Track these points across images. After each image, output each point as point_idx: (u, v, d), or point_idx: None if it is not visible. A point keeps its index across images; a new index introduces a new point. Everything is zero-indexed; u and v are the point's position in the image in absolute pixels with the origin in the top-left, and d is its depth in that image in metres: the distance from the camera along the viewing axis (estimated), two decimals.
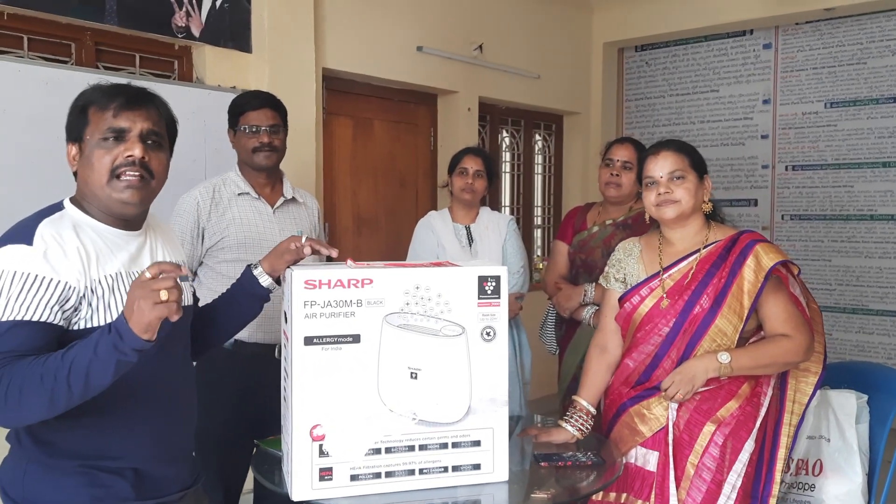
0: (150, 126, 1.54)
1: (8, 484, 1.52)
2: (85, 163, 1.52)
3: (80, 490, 1.49)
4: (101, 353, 1.32)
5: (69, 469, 1.49)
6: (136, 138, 1.51)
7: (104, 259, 1.50)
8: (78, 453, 1.49)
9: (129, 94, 1.54)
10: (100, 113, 1.51)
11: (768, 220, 5.73)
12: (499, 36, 5.13)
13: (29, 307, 1.39)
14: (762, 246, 2.09)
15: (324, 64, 4.03)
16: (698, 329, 2.07)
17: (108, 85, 1.55)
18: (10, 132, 2.86)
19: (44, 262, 1.41)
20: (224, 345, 2.57)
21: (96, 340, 1.33)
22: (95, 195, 1.53)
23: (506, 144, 5.66)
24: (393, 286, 1.71)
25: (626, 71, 6.31)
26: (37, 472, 1.49)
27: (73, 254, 1.45)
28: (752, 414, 2.09)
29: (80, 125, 1.53)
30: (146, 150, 1.52)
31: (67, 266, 1.44)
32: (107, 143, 1.50)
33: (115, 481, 1.52)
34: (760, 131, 5.76)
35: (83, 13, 3.10)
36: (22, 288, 1.39)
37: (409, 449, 1.74)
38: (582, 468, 1.95)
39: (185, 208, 2.58)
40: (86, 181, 1.53)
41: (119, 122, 1.51)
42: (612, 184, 2.98)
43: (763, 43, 5.71)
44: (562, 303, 2.97)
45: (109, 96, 1.52)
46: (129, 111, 1.51)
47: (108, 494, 1.51)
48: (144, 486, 1.56)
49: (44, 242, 1.43)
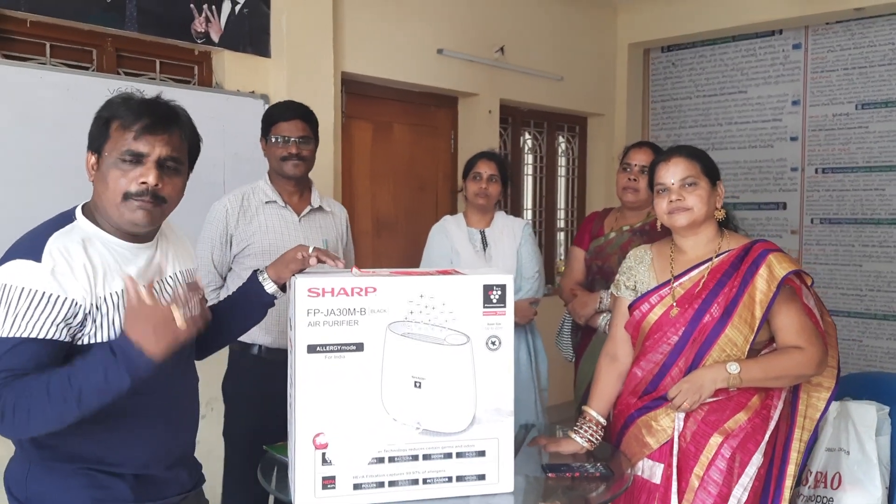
0: (169, 152, 1.54)
1: (13, 483, 1.55)
2: (100, 178, 1.53)
3: (80, 491, 1.51)
4: (111, 379, 1.35)
5: (70, 471, 1.51)
6: (152, 164, 1.51)
7: (111, 275, 1.51)
8: (79, 457, 1.52)
9: (156, 115, 1.53)
10: (121, 131, 1.51)
11: (797, 224, 5.62)
12: (521, 38, 5.10)
13: (35, 324, 1.41)
14: (775, 255, 2.05)
15: (343, 68, 4.04)
16: (707, 338, 2.04)
17: (137, 101, 1.54)
18: (32, 138, 2.91)
19: (51, 280, 1.43)
20: (252, 351, 2.65)
21: (105, 367, 1.34)
22: (108, 211, 1.54)
23: (528, 147, 5.63)
24: (396, 295, 1.70)
25: (652, 72, 6.24)
26: (39, 472, 1.52)
27: (79, 270, 1.46)
28: (761, 427, 2.05)
29: (101, 138, 1.53)
30: (161, 176, 1.52)
31: (74, 283, 1.45)
32: (124, 165, 1.51)
33: (114, 483, 1.54)
34: (790, 133, 5.65)
35: (104, 20, 3.14)
36: (29, 305, 1.41)
37: (412, 458, 1.74)
38: (590, 479, 1.93)
39: (215, 215, 2.67)
40: (100, 196, 1.54)
41: (138, 147, 1.50)
42: (629, 188, 2.94)
43: (792, 43, 5.61)
44: (577, 310, 2.95)
45: (136, 115, 1.51)
46: (150, 135, 1.51)
47: (108, 496, 1.53)
48: (144, 489, 1.58)
49: (52, 259, 1.44)
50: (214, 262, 2.67)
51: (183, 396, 1.70)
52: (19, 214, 1.60)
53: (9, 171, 2.87)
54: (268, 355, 2.62)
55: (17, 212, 2.74)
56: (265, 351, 2.65)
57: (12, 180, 2.87)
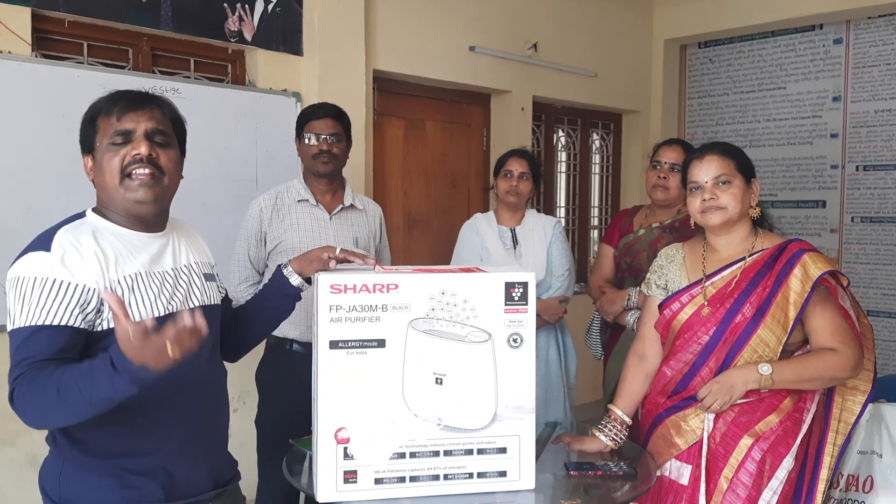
0: (155, 125, 1.57)
1: (47, 483, 1.58)
2: (98, 169, 1.57)
3: (112, 492, 1.53)
4: (118, 387, 1.35)
5: (102, 470, 1.53)
6: (141, 137, 1.55)
7: (123, 261, 1.53)
8: (109, 451, 1.53)
9: (131, 97, 1.58)
10: (106, 119, 1.56)
11: (837, 223, 5.51)
12: (554, 34, 5.07)
13: (48, 311, 1.43)
14: (810, 255, 2.01)
15: (375, 65, 4.06)
16: (739, 339, 2.00)
17: (111, 92, 1.60)
18: (70, 138, 2.93)
19: (61, 267, 1.45)
20: (286, 345, 2.71)
21: (109, 377, 1.34)
22: (112, 198, 1.57)
23: (561, 144, 5.59)
24: (418, 291, 1.70)
25: (689, 68, 6.16)
26: (72, 471, 1.54)
27: (90, 257, 1.49)
28: (793, 430, 2.01)
29: (90, 135, 1.58)
30: (153, 147, 1.56)
31: (85, 269, 1.47)
32: (115, 146, 1.54)
33: (145, 483, 1.55)
34: (830, 130, 5.54)
35: (140, 19, 3.20)
36: (41, 293, 1.44)
37: (433, 454, 1.74)
38: (613, 478, 1.91)
39: (251, 213, 2.76)
40: (102, 186, 1.57)
41: (124, 125, 1.55)
42: (659, 186, 2.92)
43: (833, 38, 5.49)
44: (605, 307, 2.92)
45: (112, 102, 1.57)
46: (132, 112, 1.55)
47: (140, 497, 1.54)
48: (175, 487, 1.58)
49: (61, 248, 1.47)
50: (251, 259, 2.76)
51: (210, 391, 1.72)
52: (57, 212, 1.64)
53: (48, 169, 2.94)
54: (301, 349, 2.69)
55: (54, 210, 2.79)
56: (298, 345, 2.71)
57: (51, 179, 2.94)
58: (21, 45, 2.90)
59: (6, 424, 2.86)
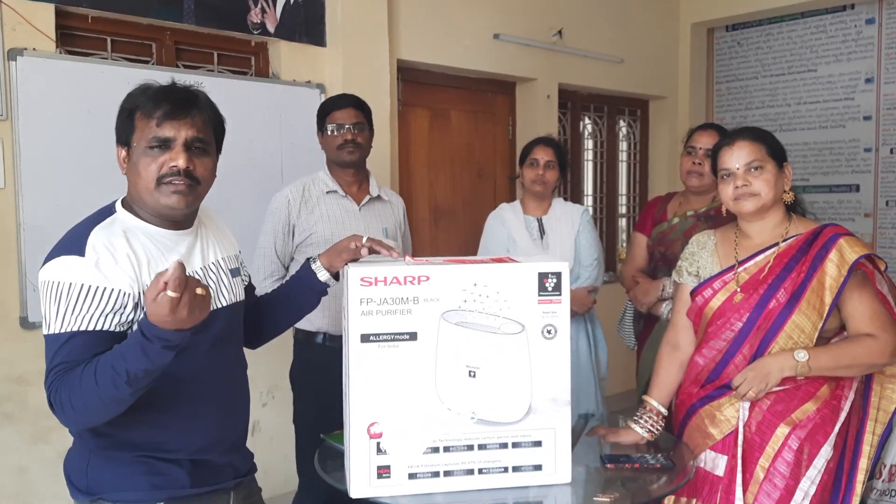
0: (195, 134, 1.54)
1: (73, 474, 1.59)
2: (132, 168, 1.55)
3: (138, 478, 1.54)
4: (152, 356, 1.34)
5: (128, 459, 1.54)
6: (180, 147, 1.52)
7: (154, 263, 1.52)
8: (136, 445, 1.54)
9: (175, 100, 1.54)
10: (145, 120, 1.52)
11: (871, 207, 5.39)
12: (579, 20, 5.00)
13: (84, 317, 1.43)
14: (846, 239, 1.95)
15: (399, 55, 4.03)
16: (773, 325, 1.95)
17: (155, 88, 1.56)
18: (96, 133, 2.95)
19: (96, 272, 1.45)
20: (316, 339, 2.69)
21: (141, 347, 1.34)
22: (143, 200, 1.55)
23: (588, 131, 5.53)
24: (450, 283, 1.67)
25: (717, 52, 6.05)
26: (98, 461, 1.55)
27: (123, 261, 1.48)
28: (831, 418, 1.96)
29: (127, 130, 1.55)
30: (190, 158, 1.53)
31: (119, 274, 1.46)
32: (152, 152, 1.52)
33: (171, 469, 1.56)
34: (863, 112, 5.41)
35: (163, 14, 3.19)
36: (77, 299, 1.43)
37: (467, 448, 1.71)
38: (650, 471, 1.87)
39: (277, 206, 2.72)
40: (135, 186, 1.56)
41: (164, 132, 1.51)
42: (694, 173, 2.85)
43: (865, 18, 5.36)
44: (639, 297, 2.87)
45: (155, 102, 1.52)
46: (173, 120, 1.52)
47: (166, 482, 1.55)
48: (200, 475, 1.60)
49: (95, 252, 1.46)
50: (277, 252, 2.72)
51: (234, 383, 1.72)
52: (84, 208, 1.63)
53: (72, 164, 2.95)
54: (332, 343, 2.65)
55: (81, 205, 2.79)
56: (329, 339, 2.68)
57: (76, 174, 2.95)
58: (45, 42, 2.91)
59: (39, 421, 2.88)
